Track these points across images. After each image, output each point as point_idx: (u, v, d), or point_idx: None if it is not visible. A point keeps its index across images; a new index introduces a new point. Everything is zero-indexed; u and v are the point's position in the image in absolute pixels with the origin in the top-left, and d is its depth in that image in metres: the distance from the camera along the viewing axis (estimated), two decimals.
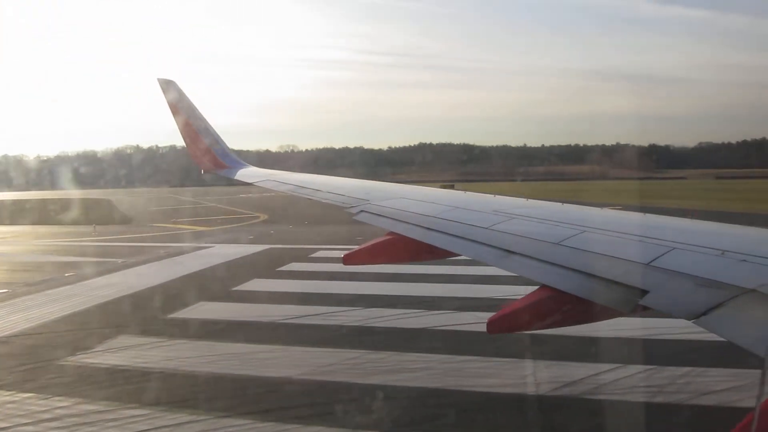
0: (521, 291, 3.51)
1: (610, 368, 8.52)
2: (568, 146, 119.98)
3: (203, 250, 23.40)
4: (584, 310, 3.21)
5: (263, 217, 39.08)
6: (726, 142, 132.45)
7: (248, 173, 9.49)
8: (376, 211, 5.53)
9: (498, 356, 9.13)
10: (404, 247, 4.89)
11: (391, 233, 5.00)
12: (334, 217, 32.69)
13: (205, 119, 9.70)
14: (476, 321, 10.39)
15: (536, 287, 3.58)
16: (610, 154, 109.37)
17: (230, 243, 25.78)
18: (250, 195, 61.67)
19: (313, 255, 21.22)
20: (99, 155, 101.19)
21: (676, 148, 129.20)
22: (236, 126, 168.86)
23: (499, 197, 5.56)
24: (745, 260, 2.76)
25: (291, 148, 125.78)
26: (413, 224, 4.88)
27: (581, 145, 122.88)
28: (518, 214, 4.50)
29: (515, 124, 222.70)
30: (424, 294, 13.99)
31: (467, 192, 6.06)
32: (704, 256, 2.95)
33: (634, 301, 2.74)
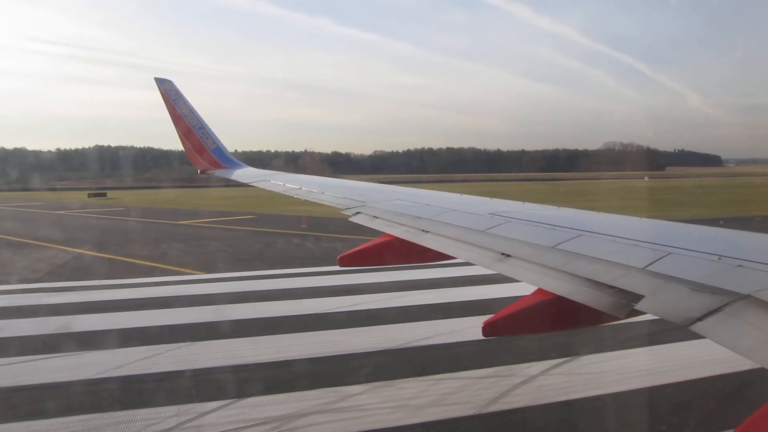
0: None
1: None
2: (260, 152, 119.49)
3: None
4: (579, 314, 3.22)
5: None
6: (395, 150, 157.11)
7: (245, 174, 9.47)
8: (372, 213, 5.51)
9: None
10: (399, 249, 4.89)
11: (387, 235, 4.99)
12: None
13: (202, 119, 9.67)
14: None
15: (532, 291, 3.62)
16: (296, 160, 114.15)
17: None
18: None
19: None
20: None
21: (356, 156, 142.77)
22: None
23: (495, 200, 5.56)
24: (741, 265, 2.75)
25: None
26: (409, 226, 4.85)
27: (272, 151, 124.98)
28: (514, 217, 4.48)
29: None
30: None
31: (463, 195, 6.06)
32: (700, 260, 2.93)
33: (629, 305, 2.72)
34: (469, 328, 9.68)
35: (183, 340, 9.63)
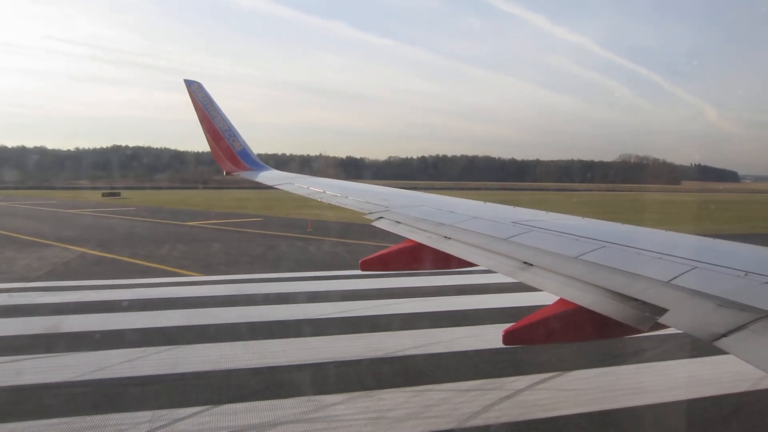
0: None
1: None
2: (274, 154, 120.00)
3: None
4: (601, 325, 3.21)
5: None
6: (409, 157, 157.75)
7: (270, 176, 9.57)
8: (394, 218, 5.55)
9: None
10: (421, 255, 4.92)
11: (410, 241, 5.02)
12: None
13: (228, 121, 9.79)
14: None
15: (553, 301, 3.61)
16: (310, 163, 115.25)
17: None
18: None
19: None
20: None
21: (370, 161, 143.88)
22: None
23: (518, 209, 5.57)
24: None
25: None
26: (431, 232, 4.89)
27: (287, 154, 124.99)
28: (537, 226, 4.49)
29: None
30: None
31: (486, 202, 6.06)
32: (726, 276, 2.92)
33: (653, 318, 2.72)
34: (468, 338, 9.52)
35: (169, 343, 9.60)
